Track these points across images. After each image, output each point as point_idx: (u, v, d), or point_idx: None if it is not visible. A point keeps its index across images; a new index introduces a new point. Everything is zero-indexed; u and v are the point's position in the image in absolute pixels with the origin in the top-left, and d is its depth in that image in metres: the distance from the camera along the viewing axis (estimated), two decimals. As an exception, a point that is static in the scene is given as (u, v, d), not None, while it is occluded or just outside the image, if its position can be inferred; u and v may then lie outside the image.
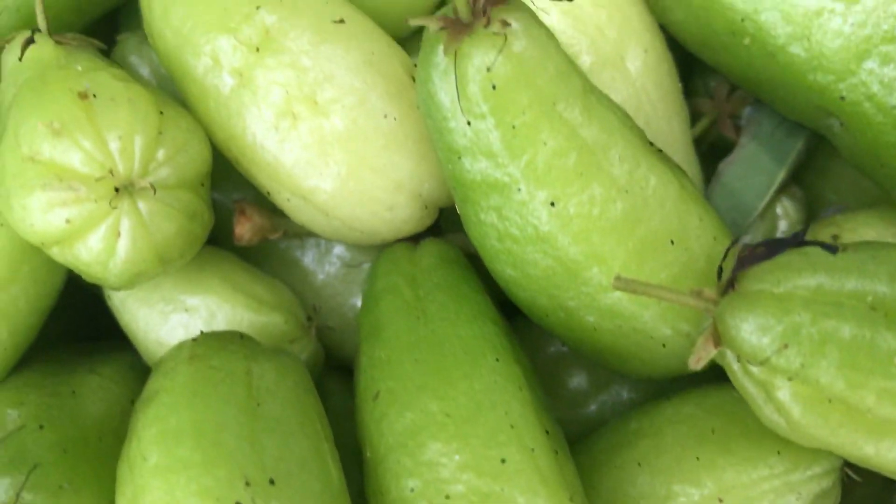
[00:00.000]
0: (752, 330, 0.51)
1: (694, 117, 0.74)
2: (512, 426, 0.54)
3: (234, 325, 0.66)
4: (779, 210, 0.75)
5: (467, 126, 0.55)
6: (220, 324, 0.66)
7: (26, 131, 0.57)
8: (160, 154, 0.58)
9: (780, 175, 0.72)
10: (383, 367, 0.58)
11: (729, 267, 0.54)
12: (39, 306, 0.66)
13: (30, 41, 0.64)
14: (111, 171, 0.56)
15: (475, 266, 0.66)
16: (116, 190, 0.56)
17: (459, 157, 0.56)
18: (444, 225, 0.70)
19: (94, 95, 0.58)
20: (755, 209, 0.72)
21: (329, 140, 0.60)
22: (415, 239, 0.67)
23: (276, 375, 0.58)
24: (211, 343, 0.59)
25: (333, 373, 0.73)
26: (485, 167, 0.56)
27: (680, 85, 0.71)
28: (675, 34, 0.69)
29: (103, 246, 0.57)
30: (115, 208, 0.56)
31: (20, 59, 0.64)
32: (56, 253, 0.59)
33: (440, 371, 0.56)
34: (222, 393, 0.54)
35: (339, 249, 0.72)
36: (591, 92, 0.57)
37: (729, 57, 0.65)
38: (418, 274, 0.64)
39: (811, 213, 0.77)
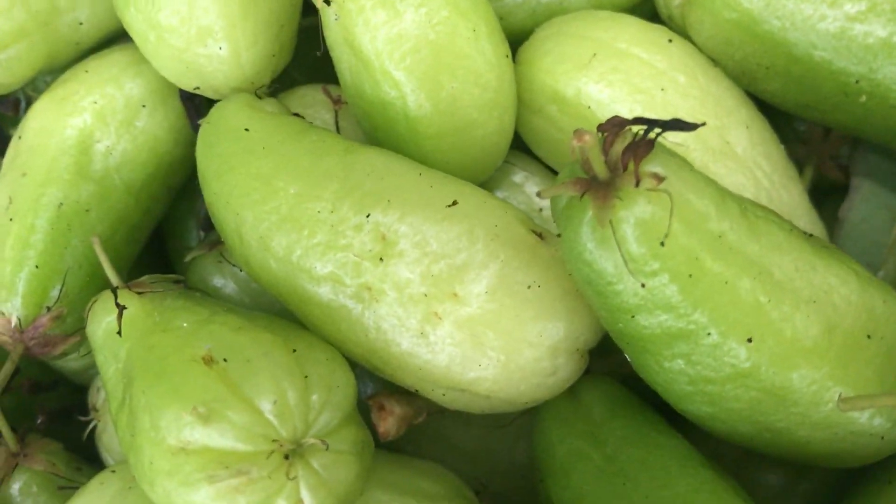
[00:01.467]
0: None
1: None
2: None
3: (415, 533, 0.62)
4: (900, 233, 0.72)
5: (640, 287, 0.51)
6: (400, 537, 0.62)
7: (168, 423, 0.52)
8: (314, 400, 0.53)
9: (902, 205, 0.69)
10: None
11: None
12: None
13: (122, 309, 0.58)
14: (276, 441, 0.51)
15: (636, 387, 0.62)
16: (286, 457, 0.52)
17: (633, 316, 0.52)
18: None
19: (224, 360, 0.54)
20: (885, 245, 0.69)
21: (479, 329, 0.55)
22: (567, 382, 0.63)
23: None
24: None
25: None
26: (664, 320, 0.52)
27: (782, 146, 0.67)
28: (769, 101, 0.66)
29: (287, 517, 0.52)
30: (292, 478, 0.52)
31: (119, 334, 0.58)
32: (231, 529, 0.54)
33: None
34: None
35: (481, 411, 0.68)
36: (747, 209, 0.53)
37: (840, 114, 0.62)
38: (595, 430, 0.60)
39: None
